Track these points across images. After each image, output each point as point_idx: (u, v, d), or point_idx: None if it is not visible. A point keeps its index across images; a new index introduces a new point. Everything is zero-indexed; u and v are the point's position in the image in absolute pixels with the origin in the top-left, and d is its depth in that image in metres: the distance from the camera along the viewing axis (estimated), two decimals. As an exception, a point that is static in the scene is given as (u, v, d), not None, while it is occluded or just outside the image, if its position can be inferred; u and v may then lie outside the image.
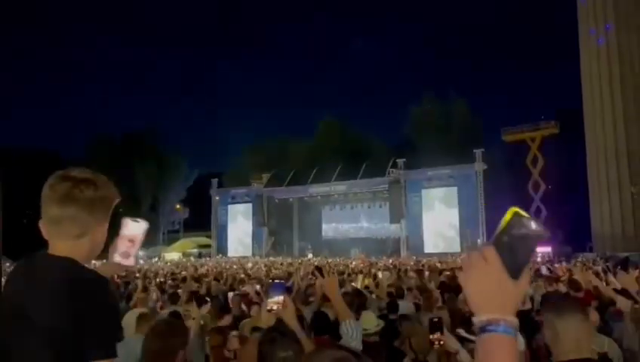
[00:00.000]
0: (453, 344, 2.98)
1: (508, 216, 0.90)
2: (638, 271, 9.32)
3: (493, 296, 0.88)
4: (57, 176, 1.55)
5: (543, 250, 30.37)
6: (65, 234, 1.53)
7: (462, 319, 4.41)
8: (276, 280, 3.15)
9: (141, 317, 4.63)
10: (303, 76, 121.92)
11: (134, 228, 1.74)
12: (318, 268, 2.82)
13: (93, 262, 2.14)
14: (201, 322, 4.64)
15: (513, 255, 0.89)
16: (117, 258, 1.75)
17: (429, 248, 36.16)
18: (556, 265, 14.16)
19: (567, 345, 1.99)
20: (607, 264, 13.47)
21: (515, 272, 0.88)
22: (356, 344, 2.48)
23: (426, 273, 12.09)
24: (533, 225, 0.90)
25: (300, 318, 3.47)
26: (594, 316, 4.04)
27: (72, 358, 1.40)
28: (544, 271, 8.57)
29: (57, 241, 1.54)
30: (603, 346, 3.77)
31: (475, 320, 0.88)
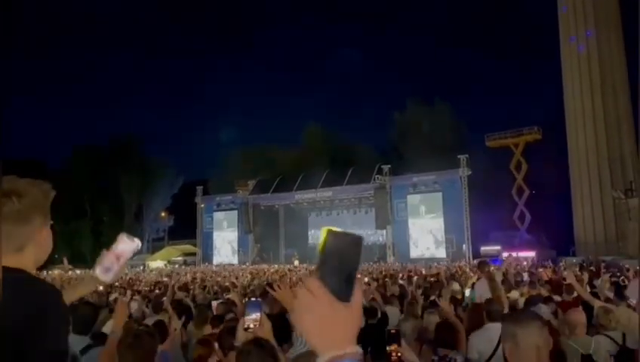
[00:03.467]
0: (410, 356, 2.96)
1: (322, 236, 0.82)
2: (609, 274, 9.48)
3: (329, 330, 0.80)
4: None
5: (527, 255, 30.67)
6: (6, 250, 1.48)
7: (447, 325, 4.42)
8: (252, 299, 3.17)
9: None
10: (288, 83, 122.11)
11: (126, 245, 1.74)
12: (269, 285, 2.86)
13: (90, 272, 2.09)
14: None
15: (337, 275, 0.81)
16: (98, 270, 1.72)
17: (415, 254, 36.29)
18: (540, 269, 14.30)
19: (527, 354, 2.01)
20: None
21: (344, 293, 0.81)
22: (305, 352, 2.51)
23: (414, 278, 12.15)
24: (344, 237, 0.83)
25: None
26: (581, 317, 4.09)
27: None
28: (525, 277, 8.64)
29: (3, 255, 1.48)
30: (589, 348, 3.81)
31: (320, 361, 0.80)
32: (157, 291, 11.17)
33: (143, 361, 2.47)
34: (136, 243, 1.74)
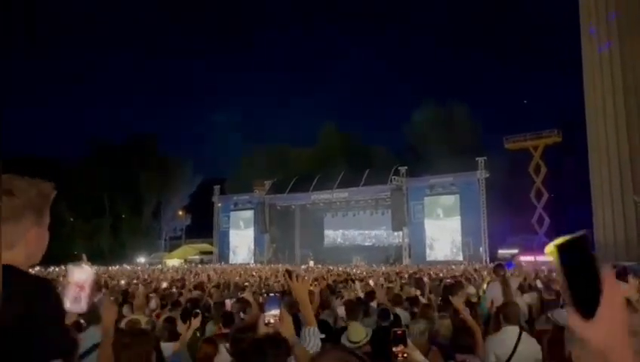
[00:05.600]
0: (418, 357, 2.94)
1: (554, 256, 0.77)
2: (638, 280, 9.28)
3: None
4: None
5: (545, 259, 30.26)
6: None
7: (463, 329, 4.40)
8: (271, 294, 3.15)
9: (130, 324, 4.66)
10: (306, 83, 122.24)
11: (79, 274, 1.72)
12: (288, 272, 2.83)
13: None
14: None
15: (586, 289, 0.73)
16: (68, 304, 1.72)
17: (431, 256, 36.08)
18: (554, 274, 14.08)
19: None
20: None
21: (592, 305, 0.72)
22: (314, 351, 2.50)
23: (426, 280, 12.07)
24: (576, 246, 0.76)
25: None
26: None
27: None
28: (539, 284, 8.53)
29: None
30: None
31: None
32: (173, 289, 11.28)
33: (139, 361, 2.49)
34: (88, 268, 1.74)
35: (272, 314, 2.43)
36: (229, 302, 6.46)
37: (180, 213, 56.35)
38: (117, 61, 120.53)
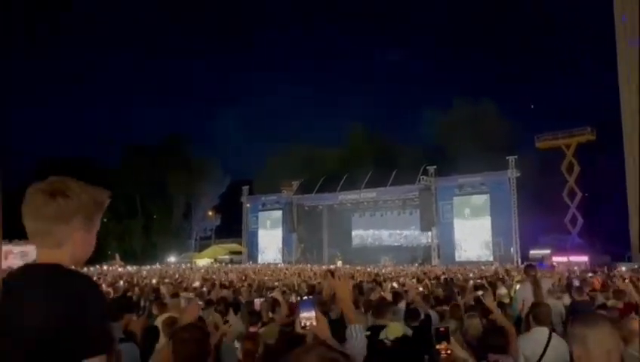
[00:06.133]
0: (461, 353, 2.94)
1: None
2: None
3: None
4: (31, 189, 1.58)
5: (579, 260, 29.58)
6: (43, 245, 1.59)
7: (494, 329, 4.36)
8: (305, 297, 3.16)
9: (167, 322, 4.75)
10: (332, 83, 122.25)
11: None
12: (331, 271, 2.86)
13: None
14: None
15: None
16: None
17: (460, 256, 35.67)
18: (589, 275, 13.78)
19: (597, 358, 1.96)
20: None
21: None
22: (361, 348, 2.51)
23: (455, 281, 11.96)
24: None
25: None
26: (635, 325, 3.92)
27: (63, 359, 1.44)
28: (576, 283, 8.35)
29: (40, 250, 1.60)
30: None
31: None
32: (203, 288, 11.47)
33: (196, 355, 2.57)
34: None
35: (307, 316, 2.43)
36: (258, 302, 6.55)
37: (210, 213, 57.10)
38: (150, 63, 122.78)
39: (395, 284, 9.95)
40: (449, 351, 2.75)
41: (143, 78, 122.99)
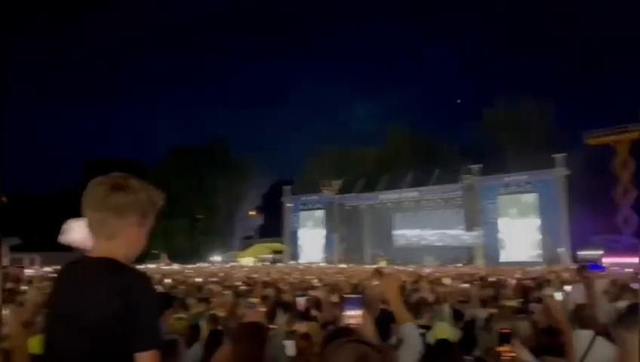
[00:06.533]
0: (525, 356, 2.83)
1: None
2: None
3: None
4: (94, 182, 1.66)
5: (631, 261, 28.30)
6: (98, 236, 1.66)
7: (542, 331, 4.23)
8: (351, 295, 3.13)
9: (211, 320, 4.83)
10: (372, 81, 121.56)
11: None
12: (379, 270, 2.82)
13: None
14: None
15: None
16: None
17: (506, 257, 34.78)
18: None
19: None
20: None
21: None
22: (419, 347, 2.45)
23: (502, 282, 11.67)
24: None
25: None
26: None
27: (117, 352, 1.51)
28: (636, 285, 7.96)
29: (95, 241, 1.67)
30: None
31: None
32: (246, 287, 11.61)
33: (257, 350, 2.61)
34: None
35: (353, 314, 2.38)
36: (301, 300, 6.57)
37: (253, 213, 57.93)
38: (188, 65, 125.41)
39: (438, 284, 9.79)
40: (512, 354, 2.65)
41: (185, 79, 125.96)
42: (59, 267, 1.80)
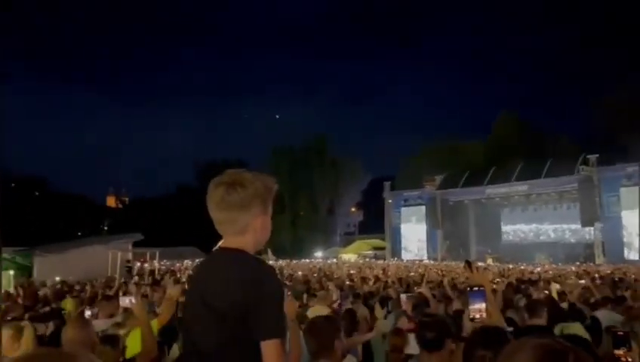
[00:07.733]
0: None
1: None
2: None
3: None
4: (213, 183, 1.78)
5: None
6: (228, 232, 1.78)
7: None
8: (475, 288, 3.03)
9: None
10: (476, 72, 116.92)
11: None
12: (468, 263, 2.68)
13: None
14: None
15: None
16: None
17: (631, 254, 31.74)
18: None
19: None
20: None
21: None
22: None
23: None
24: None
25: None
26: None
27: (243, 338, 1.60)
28: None
29: (225, 237, 1.81)
30: None
31: None
32: (348, 282, 11.68)
33: (322, 346, 2.63)
34: None
35: (477, 308, 2.32)
36: (404, 297, 6.44)
37: (353, 209, 58.30)
38: (296, 65, 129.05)
39: (555, 283, 9.15)
40: (629, 359, 2.43)
41: (287, 80, 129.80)
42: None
